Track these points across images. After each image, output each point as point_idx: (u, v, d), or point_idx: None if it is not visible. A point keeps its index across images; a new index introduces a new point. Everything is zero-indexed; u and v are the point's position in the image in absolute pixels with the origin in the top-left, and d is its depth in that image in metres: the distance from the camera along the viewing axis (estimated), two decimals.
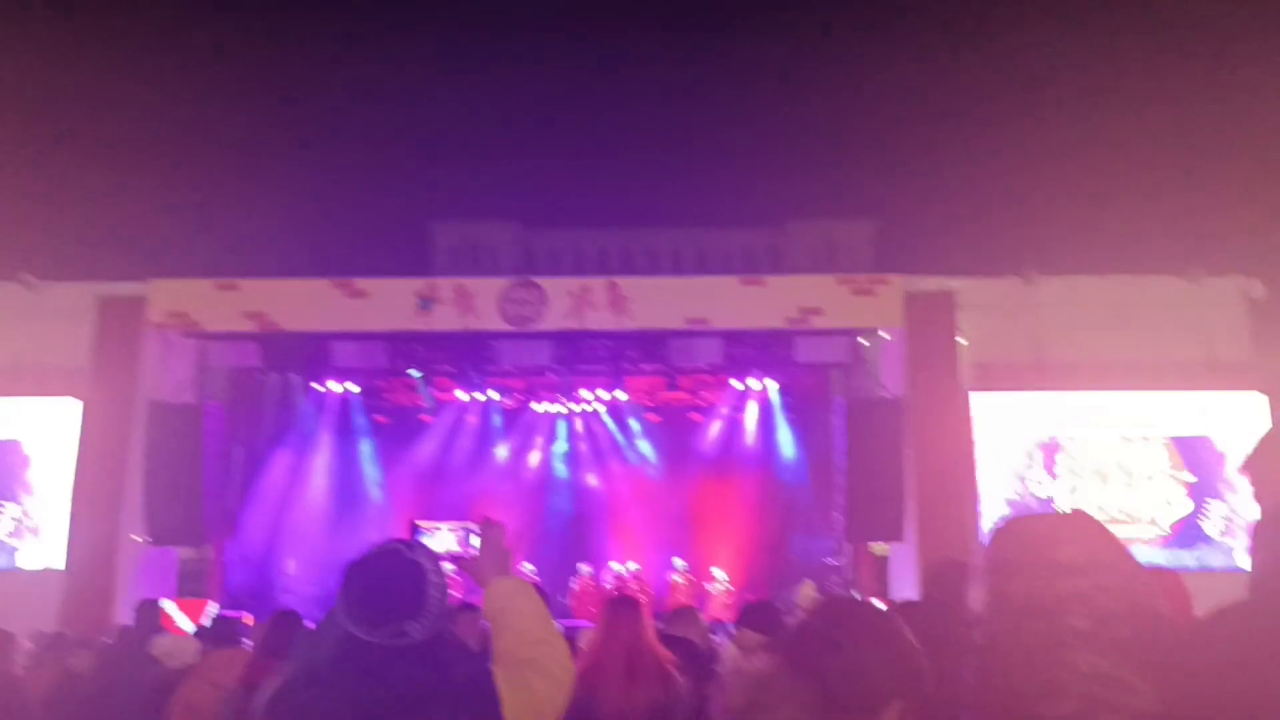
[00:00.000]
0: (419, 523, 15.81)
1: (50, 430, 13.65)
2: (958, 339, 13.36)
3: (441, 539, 15.44)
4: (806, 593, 8.70)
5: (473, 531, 3.37)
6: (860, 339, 14.13)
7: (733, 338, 13.98)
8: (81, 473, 13.47)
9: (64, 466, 13.51)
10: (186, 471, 13.30)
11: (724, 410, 17.02)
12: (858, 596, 13.53)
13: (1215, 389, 13.08)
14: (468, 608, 5.42)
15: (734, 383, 16.19)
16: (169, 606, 11.25)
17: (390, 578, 2.01)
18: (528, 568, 15.51)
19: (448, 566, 2.20)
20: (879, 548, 13.77)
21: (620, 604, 4.09)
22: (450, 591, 2.10)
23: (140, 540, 13.22)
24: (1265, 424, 12.90)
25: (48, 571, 13.13)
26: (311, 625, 4.04)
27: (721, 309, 13.70)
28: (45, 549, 13.38)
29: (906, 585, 13.00)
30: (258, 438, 15.57)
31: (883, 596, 13.20)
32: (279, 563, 15.84)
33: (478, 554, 2.36)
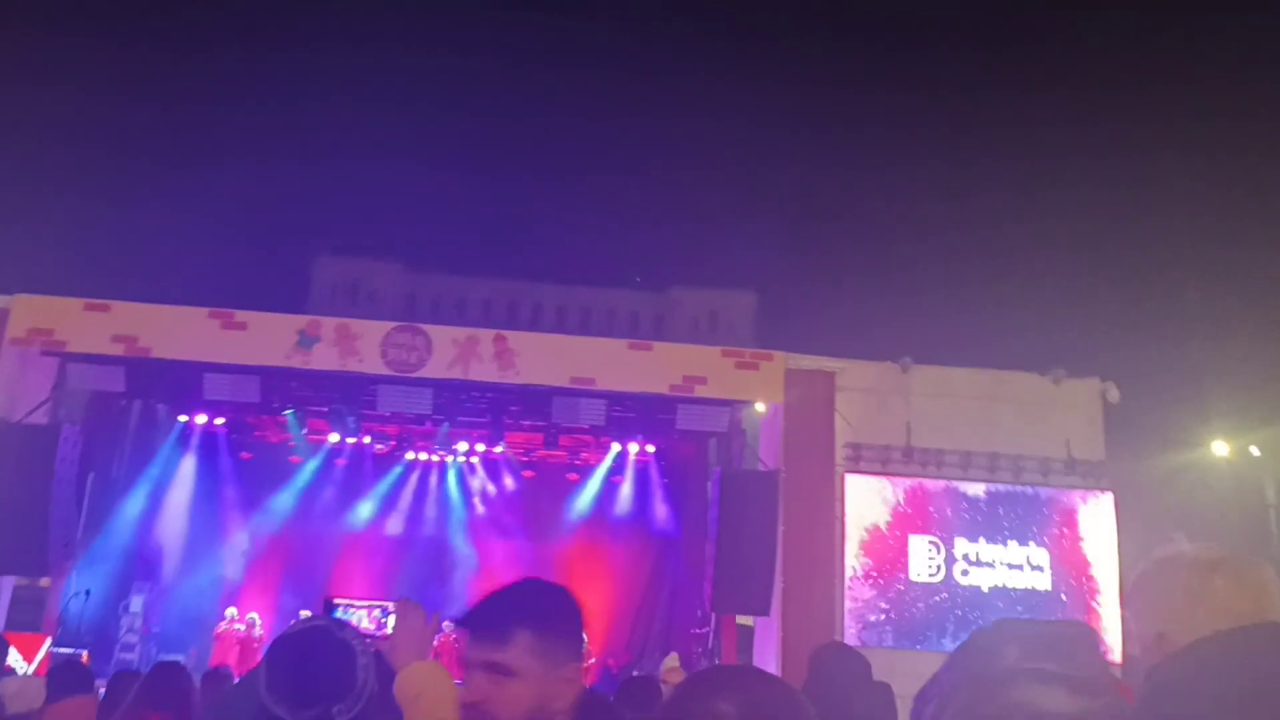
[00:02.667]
0: (335, 600, 15.25)
1: None
2: (836, 419, 13.70)
3: (355, 618, 14.93)
4: (670, 664, 8.69)
5: (389, 611, 3.29)
6: (745, 410, 14.37)
7: (616, 400, 14.04)
8: None
9: None
10: (33, 496, 12.55)
11: (601, 472, 17.01)
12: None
13: (1068, 487, 13.71)
14: None
15: (614, 445, 16.23)
16: None
17: (318, 657, 1.95)
18: (447, 625, 15.14)
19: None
20: (744, 620, 13.88)
21: None
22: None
23: None
24: (1110, 525, 13.59)
25: None
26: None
27: (607, 371, 13.77)
28: None
29: (769, 659, 13.14)
30: (115, 466, 14.87)
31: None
32: (124, 600, 15.07)
33: (393, 635, 2.33)
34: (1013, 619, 1.90)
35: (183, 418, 15.71)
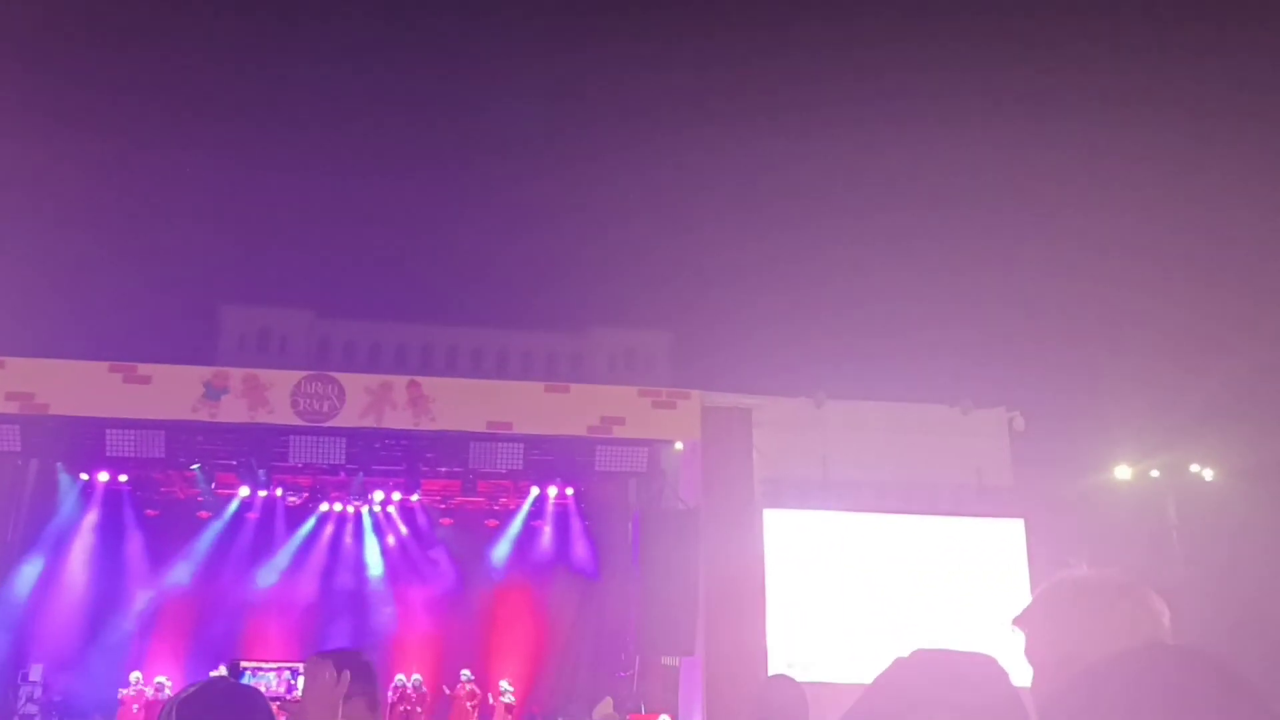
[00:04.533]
0: (242, 663, 14.75)
1: None
2: (754, 455, 13.79)
3: (263, 681, 14.47)
4: (604, 710, 8.60)
5: (297, 672, 3.23)
6: (664, 449, 14.38)
7: (534, 443, 13.94)
8: None
9: None
10: None
11: (521, 517, 16.84)
12: (643, 711, 13.50)
13: (981, 515, 13.98)
14: None
15: (533, 489, 16.09)
16: None
17: (231, 710, 1.93)
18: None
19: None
20: (669, 660, 13.82)
21: None
22: None
23: None
24: (1021, 550, 13.88)
25: None
26: None
27: (524, 414, 13.68)
28: None
29: (694, 698, 13.08)
30: (10, 530, 14.26)
31: (671, 710, 13.22)
32: (23, 668, 14.39)
33: (303, 695, 2.28)
34: (926, 649, 1.97)
35: (84, 476, 15.16)
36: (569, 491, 16.20)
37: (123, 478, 15.34)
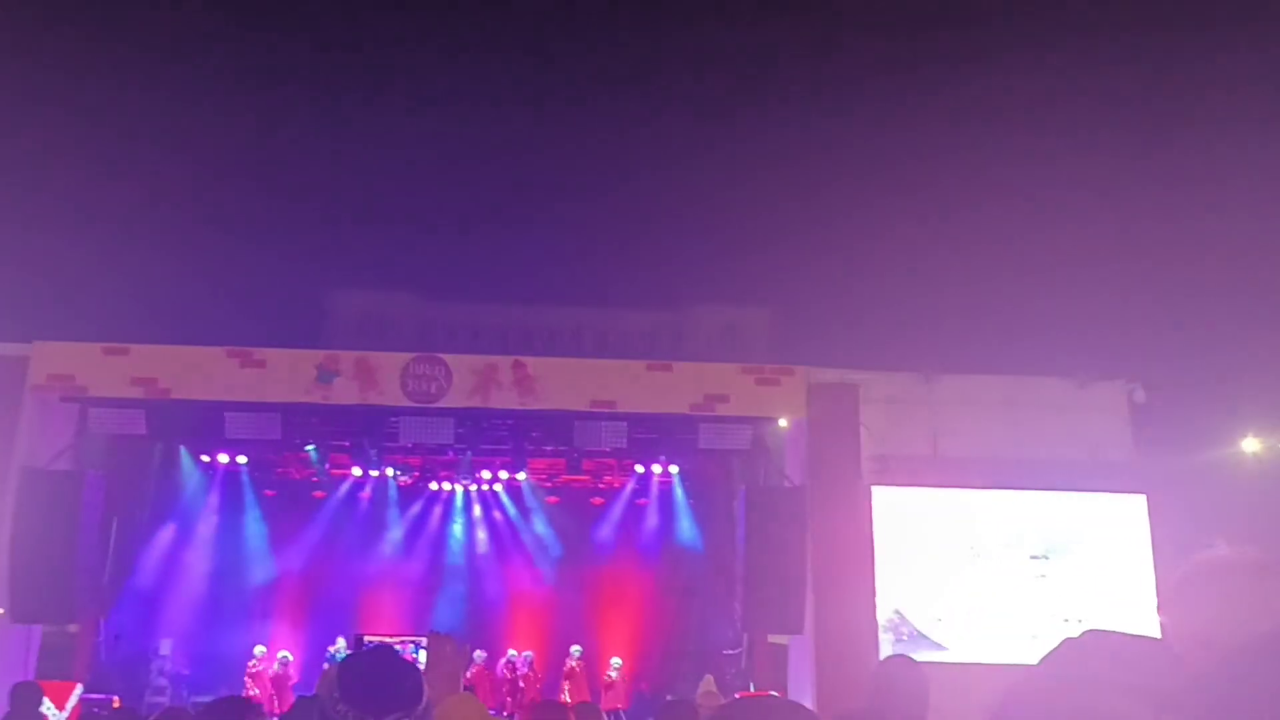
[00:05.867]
0: (365, 636, 15.20)
1: None
2: (861, 431, 13.57)
3: None
4: (706, 688, 8.58)
5: (420, 646, 3.34)
6: (768, 426, 14.24)
7: (637, 422, 13.96)
8: None
9: None
10: (59, 543, 12.57)
11: (626, 495, 16.92)
12: (752, 689, 13.45)
13: (1099, 490, 13.52)
14: None
15: (637, 467, 16.13)
16: None
17: (390, 672, 2.11)
18: (479, 655, 15.08)
19: None
20: (777, 638, 13.73)
21: (545, 709, 3.99)
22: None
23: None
24: (1143, 527, 13.39)
25: None
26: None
27: (627, 392, 13.70)
28: None
29: (804, 677, 12.99)
30: (138, 510, 14.88)
31: (781, 689, 13.15)
32: (153, 643, 15.04)
33: (426, 669, 2.33)
34: (1100, 630, 1.96)
35: (205, 458, 15.73)
36: (673, 469, 16.21)
37: (241, 459, 15.86)
